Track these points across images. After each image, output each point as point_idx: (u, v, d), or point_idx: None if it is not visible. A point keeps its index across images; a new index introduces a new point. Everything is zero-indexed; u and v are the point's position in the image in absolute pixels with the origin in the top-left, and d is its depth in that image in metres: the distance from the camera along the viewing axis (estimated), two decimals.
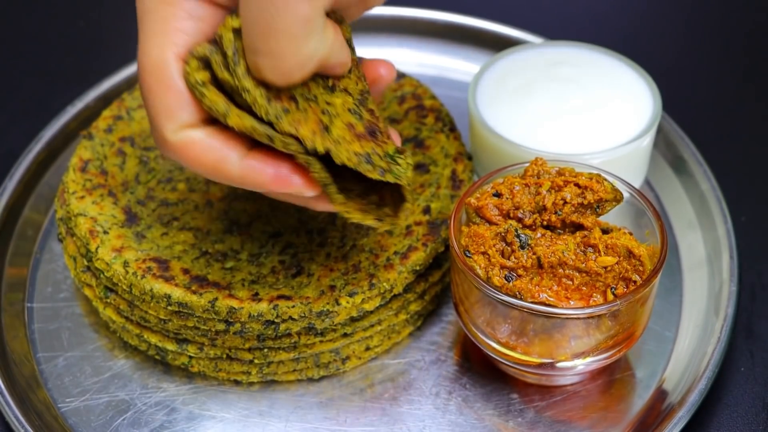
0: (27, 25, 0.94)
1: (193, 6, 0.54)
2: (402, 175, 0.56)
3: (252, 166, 0.54)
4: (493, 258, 0.59)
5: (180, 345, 0.63)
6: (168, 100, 0.53)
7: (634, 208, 0.63)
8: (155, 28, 0.54)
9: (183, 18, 0.54)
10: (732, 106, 0.86)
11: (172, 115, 0.53)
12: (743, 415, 0.64)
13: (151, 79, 0.53)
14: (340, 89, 0.56)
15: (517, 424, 0.63)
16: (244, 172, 0.54)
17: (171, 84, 0.53)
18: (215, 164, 0.54)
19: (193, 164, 0.55)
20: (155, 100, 0.54)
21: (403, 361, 0.66)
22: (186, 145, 0.54)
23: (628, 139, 0.69)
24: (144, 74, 0.54)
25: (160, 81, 0.53)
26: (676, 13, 0.96)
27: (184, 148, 0.54)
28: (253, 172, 0.54)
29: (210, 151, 0.54)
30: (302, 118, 0.53)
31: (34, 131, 0.78)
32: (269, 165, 0.54)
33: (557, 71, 0.73)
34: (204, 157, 0.54)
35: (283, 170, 0.54)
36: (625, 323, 0.59)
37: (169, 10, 0.53)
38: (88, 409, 0.64)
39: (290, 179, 0.54)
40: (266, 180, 0.54)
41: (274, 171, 0.54)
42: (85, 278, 0.65)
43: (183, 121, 0.54)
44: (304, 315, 0.61)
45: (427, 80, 0.77)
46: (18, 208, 0.74)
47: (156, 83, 0.53)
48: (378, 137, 0.57)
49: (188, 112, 0.54)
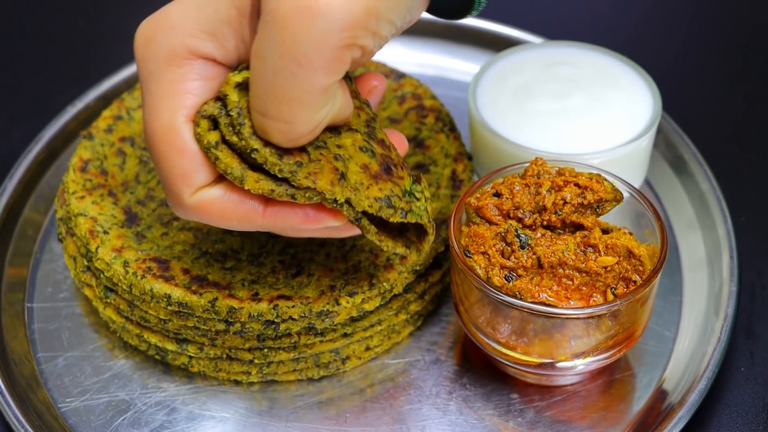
0: (27, 25, 0.94)
1: (201, 66, 0.52)
2: (422, 213, 0.56)
3: (278, 212, 0.54)
4: (493, 258, 0.59)
5: (180, 345, 0.63)
6: (183, 165, 0.52)
7: (634, 208, 0.63)
8: (163, 90, 0.52)
9: (191, 79, 0.52)
10: (732, 106, 0.86)
11: (188, 179, 0.53)
12: (743, 415, 0.64)
13: (163, 144, 0.52)
14: (345, 129, 0.56)
15: (517, 424, 0.63)
16: (272, 218, 0.54)
17: (184, 148, 0.52)
18: (240, 217, 0.54)
19: (217, 221, 0.54)
20: (170, 166, 0.52)
21: (403, 361, 0.66)
22: (206, 205, 0.53)
23: (628, 139, 0.69)
24: (155, 140, 0.52)
25: (172, 146, 0.52)
26: (676, 13, 0.96)
27: (205, 209, 0.53)
28: (282, 216, 0.54)
29: (232, 206, 0.53)
30: (317, 168, 0.53)
31: (34, 131, 0.78)
32: (295, 206, 0.54)
33: (557, 71, 0.73)
34: (227, 212, 0.53)
35: (310, 209, 0.54)
36: (625, 323, 0.59)
37: (176, 72, 0.52)
38: (88, 409, 0.64)
39: (319, 216, 0.54)
40: (296, 221, 0.54)
41: (303, 211, 0.54)
42: (85, 278, 0.65)
43: (200, 183, 0.53)
44: (304, 315, 0.61)
45: (427, 80, 0.77)
46: (18, 208, 0.74)
47: (169, 148, 0.52)
48: (394, 173, 0.56)
49: (204, 174, 0.53)
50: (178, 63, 0.52)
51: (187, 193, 0.53)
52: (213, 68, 0.53)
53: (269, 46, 0.48)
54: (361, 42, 0.50)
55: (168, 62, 0.52)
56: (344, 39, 0.49)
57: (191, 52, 0.52)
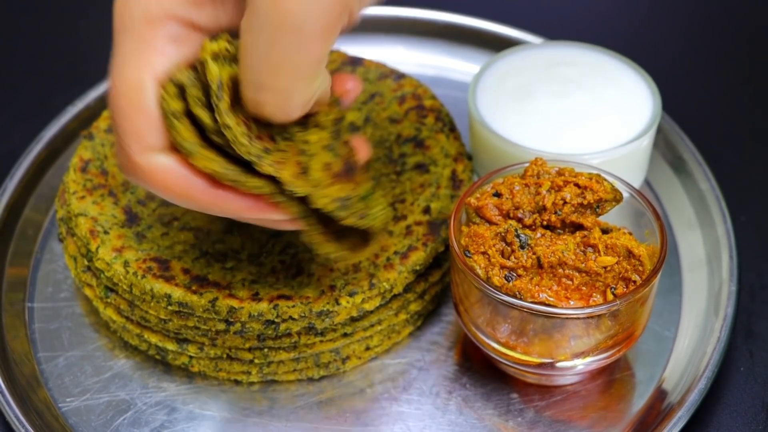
0: (27, 25, 0.94)
1: (175, 29, 0.52)
2: (377, 220, 0.56)
3: (221, 196, 0.53)
4: (493, 258, 0.59)
5: (180, 345, 0.63)
6: (139, 123, 0.52)
7: (633, 208, 0.63)
8: (134, 47, 0.52)
9: (164, 40, 0.52)
10: (732, 106, 0.86)
11: (141, 138, 0.52)
12: (743, 414, 0.64)
13: (124, 100, 0.52)
14: (312, 124, 0.56)
15: (517, 424, 0.63)
16: (215, 199, 0.53)
17: (144, 107, 0.51)
18: (184, 192, 0.53)
19: (160, 190, 0.53)
20: (126, 123, 0.52)
21: (403, 361, 0.66)
22: (153, 171, 0.52)
23: (628, 139, 0.69)
24: (117, 95, 0.52)
25: (132, 103, 0.52)
26: (676, 13, 0.96)
27: (151, 174, 0.53)
28: (224, 199, 0.53)
29: (178, 179, 0.53)
30: (282, 158, 0.53)
31: (34, 131, 0.78)
32: (239, 193, 0.53)
33: (557, 71, 0.73)
34: (171, 184, 0.53)
35: (252, 200, 0.53)
36: (625, 323, 0.60)
37: (149, 31, 0.52)
38: (88, 408, 0.64)
39: (261, 207, 0.53)
40: (237, 207, 0.53)
41: (245, 201, 0.53)
42: (85, 278, 0.65)
43: (152, 144, 0.52)
44: (304, 315, 0.61)
45: (427, 80, 0.77)
46: (18, 208, 0.74)
47: (128, 105, 0.52)
48: (355, 175, 0.56)
49: (158, 137, 0.52)
50: (153, 22, 0.52)
51: (137, 151, 0.52)
52: (188, 33, 0.52)
53: (264, 17, 0.48)
54: (350, 6, 0.49)
55: (143, 20, 0.52)
56: (338, 5, 0.48)
57: (167, 14, 0.52)
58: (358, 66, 0.76)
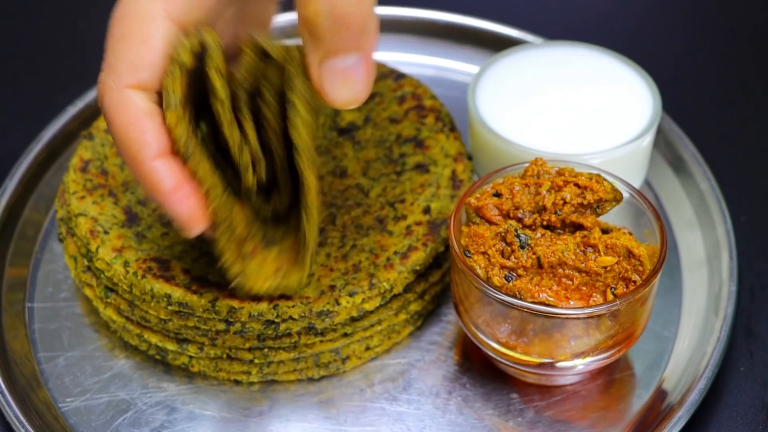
0: (27, 25, 0.94)
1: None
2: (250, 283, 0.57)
3: (159, 168, 0.52)
4: (493, 258, 0.59)
5: (180, 345, 0.63)
6: (136, 53, 0.50)
7: (633, 208, 0.63)
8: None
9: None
10: (732, 106, 0.86)
11: (133, 69, 0.50)
12: (743, 414, 0.64)
13: (129, 26, 0.50)
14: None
15: (517, 424, 0.63)
16: (150, 168, 0.52)
17: (149, 39, 0.50)
18: (133, 143, 0.51)
19: (115, 129, 0.52)
20: (123, 47, 0.50)
21: (403, 361, 0.66)
22: (124, 105, 0.51)
23: (628, 139, 0.69)
24: (122, 19, 0.50)
25: (139, 31, 0.50)
26: (676, 13, 0.96)
27: (119, 107, 0.51)
28: (158, 174, 0.52)
29: (139, 128, 0.51)
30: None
31: (34, 131, 0.78)
32: (174, 177, 0.52)
33: (557, 71, 0.73)
34: (131, 129, 0.51)
35: (184, 188, 0.52)
36: (625, 323, 0.60)
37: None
38: (88, 408, 0.64)
39: (184, 201, 0.52)
40: (163, 188, 0.52)
41: (175, 184, 0.52)
42: (85, 278, 0.65)
43: (140, 80, 0.50)
44: (304, 315, 0.61)
45: (427, 80, 0.77)
46: (18, 208, 0.74)
47: (133, 32, 0.50)
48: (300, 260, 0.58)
49: (150, 75, 0.50)
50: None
51: (121, 81, 0.50)
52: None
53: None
54: None
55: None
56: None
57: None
58: None
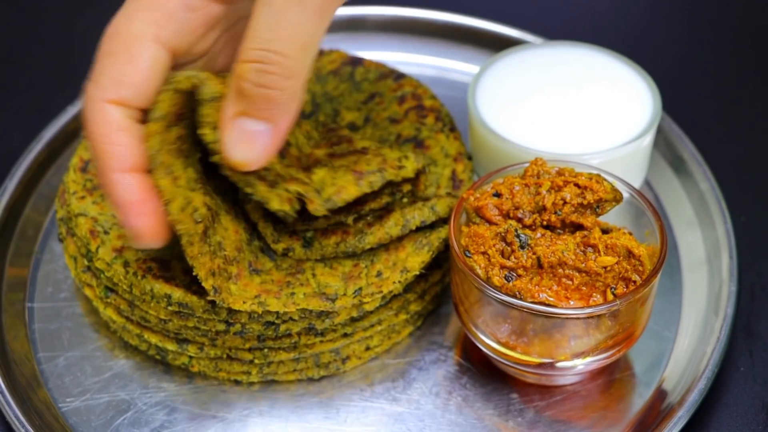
0: (27, 25, 0.94)
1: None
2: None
3: (123, 181, 0.53)
4: (493, 258, 0.59)
5: (180, 345, 0.63)
6: (122, 71, 0.51)
7: (633, 208, 0.63)
8: (144, 3, 0.51)
9: (177, 3, 0.51)
10: (732, 106, 0.86)
11: (116, 85, 0.51)
12: (743, 414, 0.64)
13: (118, 44, 0.51)
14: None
15: (517, 424, 0.63)
16: (113, 180, 0.53)
17: (138, 59, 0.51)
18: (103, 154, 0.52)
19: (91, 139, 0.53)
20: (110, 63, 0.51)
21: (403, 361, 0.66)
22: (102, 116, 0.52)
23: (628, 139, 0.69)
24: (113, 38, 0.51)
25: (125, 50, 0.51)
26: (676, 13, 0.96)
27: (96, 118, 0.52)
28: (119, 186, 0.53)
29: (112, 140, 0.52)
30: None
31: (34, 131, 0.78)
32: (136, 191, 0.53)
33: (557, 71, 0.73)
34: (104, 141, 0.52)
35: (149, 204, 0.53)
36: (625, 323, 0.60)
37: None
38: (88, 408, 0.64)
39: (140, 216, 0.53)
40: (120, 201, 0.53)
41: (141, 198, 0.53)
42: (85, 278, 0.65)
43: (122, 97, 0.51)
44: (304, 315, 0.61)
45: (427, 80, 0.77)
46: (18, 208, 0.74)
47: (119, 50, 0.51)
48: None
49: (134, 93, 0.51)
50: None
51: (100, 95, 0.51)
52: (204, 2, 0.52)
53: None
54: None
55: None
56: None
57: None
58: (358, 66, 0.76)
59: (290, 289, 0.60)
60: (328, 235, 0.62)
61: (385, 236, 0.62)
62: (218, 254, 0.58)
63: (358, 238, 0.62)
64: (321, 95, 0.74)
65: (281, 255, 0.62)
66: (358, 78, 0.75)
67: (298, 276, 0.61)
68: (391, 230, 0.62)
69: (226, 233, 0.60)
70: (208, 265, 0.58)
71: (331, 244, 0.62)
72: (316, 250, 0.62)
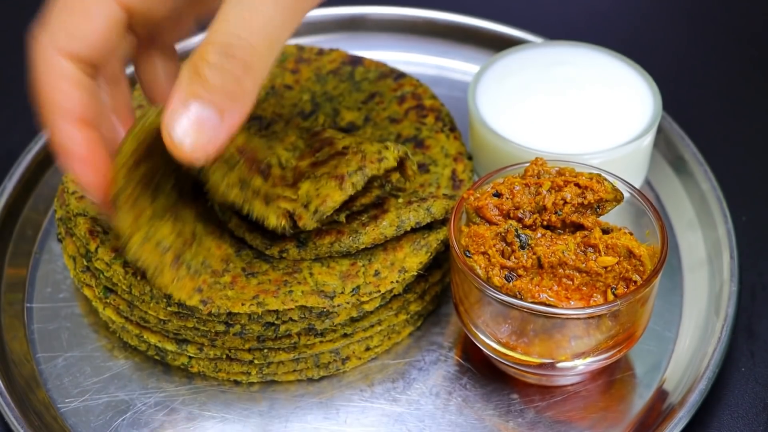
0: (27, 25, 0.94)
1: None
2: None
3: (74, 134, 0.52)
4: (493, 258, 0.59)
5: (180, 345, 0.63)
6: (77, 25, 0.51)
7: (634, 208, 0.63)
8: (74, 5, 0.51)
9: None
10: (732, 106, 0.86)
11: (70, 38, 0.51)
12: (744, 415, 0.64)
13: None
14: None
15: (517, 424, 0.63)
16: (64, 129, 0.52)
17: (94, 15, 0.51)
18: (50, 102, 0.52)
19: (37, 86, 0.52)
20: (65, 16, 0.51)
21: (403, 361, 0.66)
22: (51, 65, 0.51)
23: (628, 139, 0.68)
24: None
25: (81, 4, 0.51)
26: (676, 13, 0.96)
27: (45, 65, 0.51)
28: (70, 137, 0.52)
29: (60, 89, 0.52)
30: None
31: (34, 131, 0.78)
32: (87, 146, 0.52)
33: (557, 71, 0.73)
34: (52, 89, 0.52)
35: (93, 160, 0.52)
36: (626, 323, 0.59)
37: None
38: (87, 409, 0.64)
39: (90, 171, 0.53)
40: (72, 150, 0.52)
41: (86, 152, 0.52)
42: (84, 278, 0.65)
43: (72, 49, 0.51)
44: (303, 316, 0.61)
45: (427, 80, 0.77)
46: (17, 208, 0.74)
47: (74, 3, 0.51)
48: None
49: (84, 47, 0.51)
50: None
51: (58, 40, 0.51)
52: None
53: None
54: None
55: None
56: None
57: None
58: (358, 66, 0.76)
59: (288, 287, 0.60)
60: (323, 235, 0.62)
61: (379, 236, 0.62)
62: (202, 272, 0.60)
63: (352, 238, 0.62)
64: (321, 95, 0.74)
65: (277, 258, 0.62)
66: (358, 77, 0.75)
67: (296, 275, 0.61)
68: (386, 231, 0.62)
69: (209, 252, 0.61)
70: (189, 286, 0.59)
71: (326, 244, 0.62)
72: (311, 250, 0.62)
